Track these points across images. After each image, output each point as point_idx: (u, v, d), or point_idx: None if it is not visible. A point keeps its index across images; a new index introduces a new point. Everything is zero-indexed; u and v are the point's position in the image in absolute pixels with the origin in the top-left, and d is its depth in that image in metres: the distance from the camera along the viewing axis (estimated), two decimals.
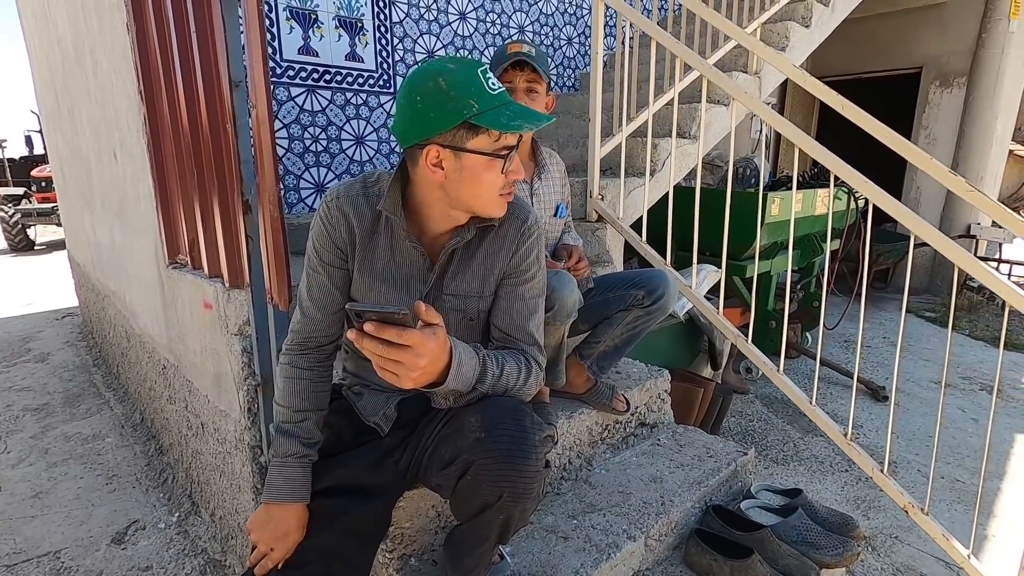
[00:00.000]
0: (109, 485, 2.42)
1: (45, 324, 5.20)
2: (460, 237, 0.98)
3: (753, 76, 2.46)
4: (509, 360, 0.95)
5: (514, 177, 0.92)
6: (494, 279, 1.02)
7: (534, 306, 1.04)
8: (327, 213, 0.99)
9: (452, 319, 1.02)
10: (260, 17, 1.16)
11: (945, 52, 4.90)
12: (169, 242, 1.91)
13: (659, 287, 1.47)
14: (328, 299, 1.01)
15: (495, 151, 0.88)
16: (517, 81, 1.40)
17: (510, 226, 1.01)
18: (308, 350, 1.03)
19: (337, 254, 0.99)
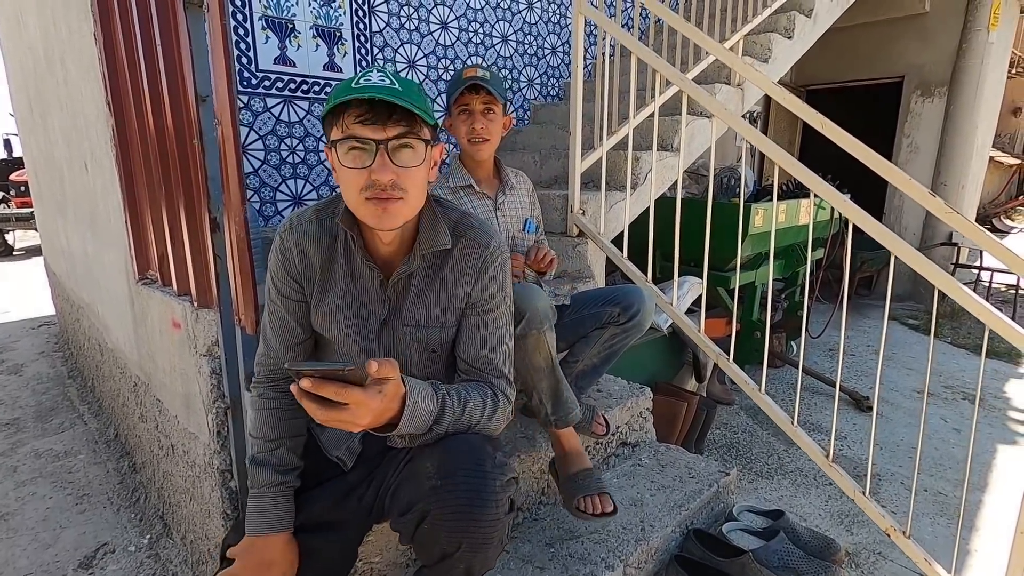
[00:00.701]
0: (79, 505, 2.35)
1: (21, 333, 5.08)
2: (407, 266, 0.94)
3: (736, 88, 2.45)
4: (473, 395, 0.91)
5: (377, 177, 0.81)
6: (456, 309, 0.98)
7: (500, 337, 1.00)
8: (281, 244, 0.95)
9: (413, 351, 0.99)
10: (224, 30, 1.12)
11: (926, 62, 4.95)
12: (139, 257, 1.85)
13: (634, 304, 1.46)
14: (289, 332, 0.98)
15: (339, 140, 0.83)
16: (474, 103, 1.43)
17: (471, 252, 0.97)
18: (275, 382, 1.00)
19: (293, 287, 0.96)
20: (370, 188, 0.82)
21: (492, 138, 1.48)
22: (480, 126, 1.45)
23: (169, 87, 1.39)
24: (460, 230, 0.97)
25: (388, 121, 0.81)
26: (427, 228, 0.95)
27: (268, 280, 0.98)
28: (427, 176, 0.90)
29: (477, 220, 1.00)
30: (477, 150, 1.48)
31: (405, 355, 0.99)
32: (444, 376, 1.03)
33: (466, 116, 1.46)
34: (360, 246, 0.93)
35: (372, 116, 0.80)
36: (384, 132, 0.81)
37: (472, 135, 1.47)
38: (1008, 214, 10.83)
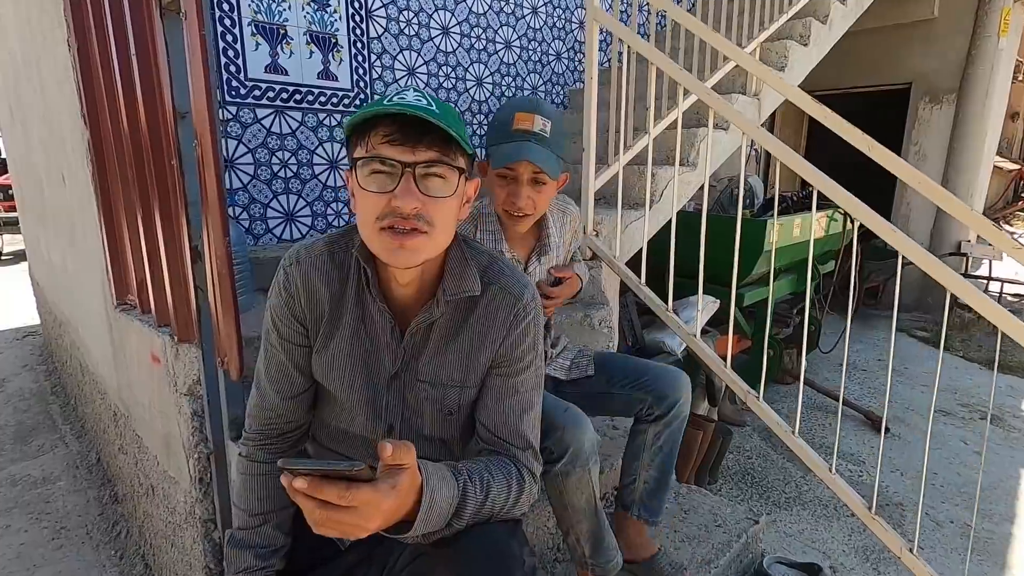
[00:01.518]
0: (56, 540, 2.20)
1: (5, 344, 4.91)
2: (428, 314, 0.82)
3: (752, 98, 2.34)
4: (497, 477, 0.78)
5: (398, 204, 0.69)
6: (480, 367, 0.85)
7: (528, 402, 0.87)
8: (285, 280, 0.83)
9: (427, 410, 0.86)
10: (204, 40, 0.99)
11: (934, 68, 4.86)
12: (117, 281, 1.72)
13: (669, 394, 1.24)
14: (288, 382, 0.85)
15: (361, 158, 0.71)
16: (520, 168, 1.12)
17: (501, 303, 0.84)
18: (269, 439, 0.87)
19: (297, 329, 0.84)
20: (388, 216, 0.71)
21: (537, 210, 1.17)
22: (524, 201, 1.13)
23: (145, 101, 1.26)
24: (489, 276, 0.85)
25: (420, 143, 0.70)
26: (454, 271, 0.82)
27: (267, 321, 0.85)
28: (457, 212, 0.78)
29: (508, 265, 0.87)
30: (515, 223, 1.18)
31: (416, 414, 0.87)
32: (459, 441, 0.91)
33: (507, 182, 1.15)
34: (374, 284, 0.81)
35: (402, 136, 0.69)
36: (413, 155, 0.70)
37: (511, 207, 1.15)
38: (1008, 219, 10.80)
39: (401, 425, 0.86)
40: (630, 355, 1.42)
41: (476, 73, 2.71)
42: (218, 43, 1.86)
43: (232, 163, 1.97)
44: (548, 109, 1.15)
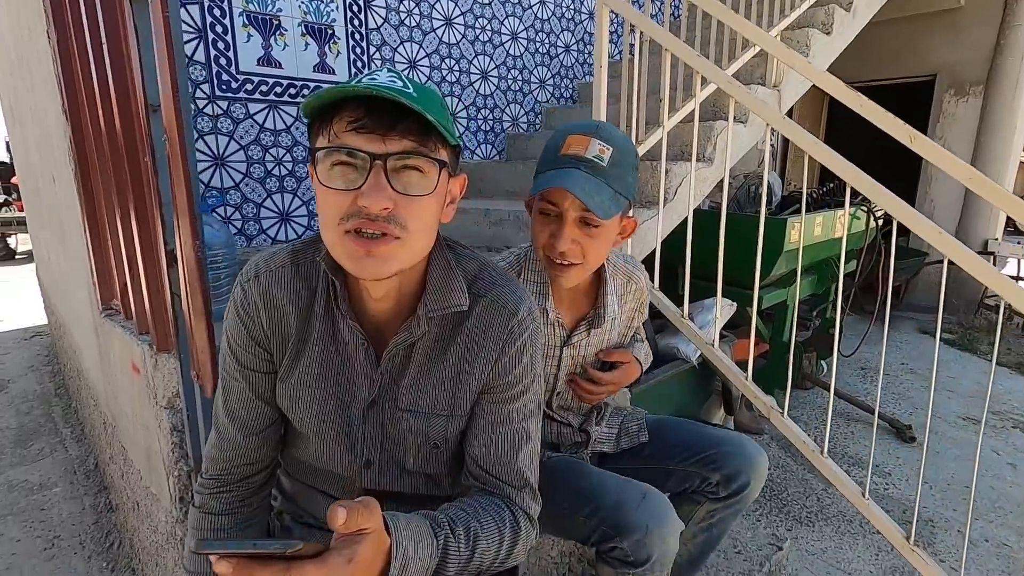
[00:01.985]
0: (48, 550, 2.14)
1: (12, 344, 4.90)
2: (408, 332, 0.70)
3: (772, 89, 2.21)
4: (486, 525, 0.68)
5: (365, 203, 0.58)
6: (470, 393, 0.74)
7: (525, 433, 0.76)
8: (242, 299, 0.72)
9: (409, 443, 0.75)
10: (168, 23, 0.90)
11: (960, 59, 4.67)
12: (102, 284, 1.64)
13: (741, 472, 1.04)
14: (251, 415, 0.75)
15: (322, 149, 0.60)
16: (565, 204, 0.90)
17: (493, 319, 0.73)
18: (227, 486, 0.76)
19: (259, 355, 0.73)
20: (354, 218, 0.59)
21: (588, 261, 0.93)
22: (567, 245, 0.91)
23: (118, 93, 1.17)
24: (480, 287, 0.74)
25: (392, 131, 0.59)
26: (437, 282, 0.71)
27: (224, 346, 0.75)
28: (438, 213, 0.67)
29: (501, 274, 0.76)
30: (558, 275, 0.95)
31: (397, 446, 0.76)
32: (448, 475, 0.80)
33: (548, 220, 0.93)
34: (343, 299, 0.70)
35: (371, 123, 0.58)
36: (384, 144, 0.59)
37: (552, 252, 0.92)
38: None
39: (381, 458, 0.76)
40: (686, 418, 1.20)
41: (481, 66, 2.60)
42: (207, 34, 1.77)
43: (223, 160, 1.88)
44: (613, 134, 0.92)
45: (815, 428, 2.85)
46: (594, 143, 0.90)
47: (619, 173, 0.90)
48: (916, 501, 1.29)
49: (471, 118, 2.63)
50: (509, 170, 2.39)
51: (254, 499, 0.78)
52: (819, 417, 2.97)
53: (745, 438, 1.09)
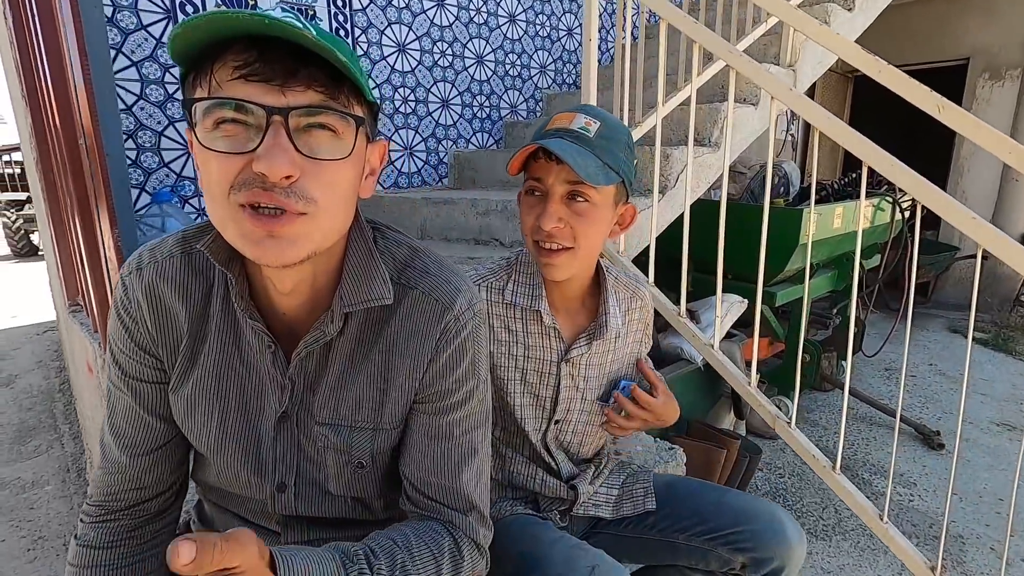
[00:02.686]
0: (31, 551, 2.09)
1: (24, 340, 4.96)
2: (320, 331, 0.59)
3: (787, 69, 2.04)
4: (418, 556, 0.57)
5: (263, 168, 0.46)
6: (400, 403, 0.63)
7: (469, 448, 0.65)
8: (123, 298, 0.61)
9: (330, 462, 0.64)
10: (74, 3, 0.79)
11: (996, 42, 4.40)
12: (67, 280, 1.57)
13: (774, 557, 0.86)
14: (139, 433, 0.64)
15: (200, 101, 0.47)
16: (550, 179, 0.82)
17: (423, 314, 0.61)
18: (113, 513, 0.65)
19: (146, 361, 0.62)
20: (248, 187, 0.47)
21: (580, 248, 0.84)
22: (555, 223, 0.82)
23: (52, 70, 1.07)
24: (408, 277, 0.62)
25: (293, 79, 0.46)
26: (355, 271, 0.60)
27: (108, 355, 0.65)
28: (356, 184, 0.55)
29: (436, 262, 0.65)
30: (545, 265, 0.86)
31: (316, 466, 0.65)
32: (379, 497, 0.69)
33: (535, 201, 0.85)
34: (242, 294, 0.59)
35: (266, 68, 0.46)
36: (284, 95, 0.47)
37: (539, 235, 0.84)
38: None
39: (297, 481, 0.65)
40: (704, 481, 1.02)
41: (476, 50, 2.48)
42: (176, 14, 1.68)
43: None
44: (601, 112, 0.85)
45: (834, 433, 2.68)
46: (579, 116, 0.83)
47: (608, 146, 0.81)
48: (944, 522, 1.14)
49: (466, 105, 2.51)
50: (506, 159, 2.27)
51: (145, 530, 0.67)
52: (839, 421, 2.78)
53: (778, 509, 0.91)
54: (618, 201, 0.87)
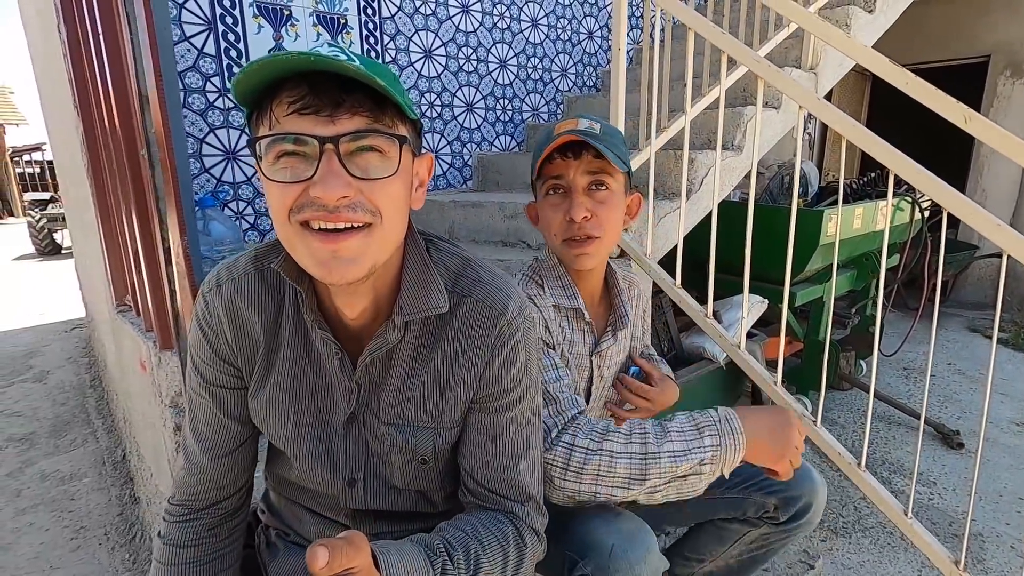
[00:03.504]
0: (74, 540, 2.18)
1: (53, 337, 5.09)
2: (383, 339, 0.64)
3: (808, 72, 2.07)
4: (488, 545, 0.63)
5: (319, 193, 0.52)
6: (459, 403, 0.68)
7: (525, 443, 0.70)
8: (204, 313, 0.67)
9: (395, 459, 0.69)
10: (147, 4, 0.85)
11: (1018, 39, 4.36)
12: (115, 281, 1.64)
13: (801, 496, 0.97)
14: (219, 435, 0.70)
15: (263, 138, 0.53)
16: (571, 173, 0.88)
17: (478, 321, 0.66)
18: (194, 513, 0.72)
19: (225, 371, 0.68)
20: (307, 208, 0.53)
21: (605, 235, 0.90)
22: (584, 213, 0.88)
23: (115, 86, 1.14)
24: (463, 286, 0.67)
25: (340, 109, 0.52)
26: (413, 281, 0.65)
27: (189, 365, 0.70)
28: (407, 198, 0.60)
29: (488, 271, 0.69)
30: (578, 256, 0.91)
31: (383, 462, 0.70)
32: (439, 489, 0.74)
33: (558, 200, 0.91)
34: (311, 307, 0.64)
35: (315, 101, 0.51)
36: (333, 124, 0.52)
37: (569, 231, 0.90)
38: None
39: (366, 476, 0.71)
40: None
41: (499, 54, 2.53)
42: (217, 26, 1.75)
43: (235, 155, 1.87)
44: (599, 119, 0.92)
45: (852, 432, 2.70)
46: (582, 120, 0.90)
47: (613, 141, 0.89)
48: (968, 518, 1.17)
49: (489, 108, 2.56)
50: (528, 161, 2.32)
51: (223, 527, 0.73)
52: (856, 420, 2.81)
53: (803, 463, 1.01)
54: (626, 190, 0.95)
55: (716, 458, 0.76)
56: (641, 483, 0.76)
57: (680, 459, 0.76)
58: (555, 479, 0.77)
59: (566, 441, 0.78)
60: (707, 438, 0.77)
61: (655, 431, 0.79)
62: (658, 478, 0.75)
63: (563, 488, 0.77)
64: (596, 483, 0.76)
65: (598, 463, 0.76)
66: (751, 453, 0.78)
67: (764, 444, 0.78)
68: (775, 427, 0.79)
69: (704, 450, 0.76)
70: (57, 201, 10.55)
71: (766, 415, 0.81)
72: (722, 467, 0.77)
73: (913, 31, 4.71)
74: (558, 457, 0.77)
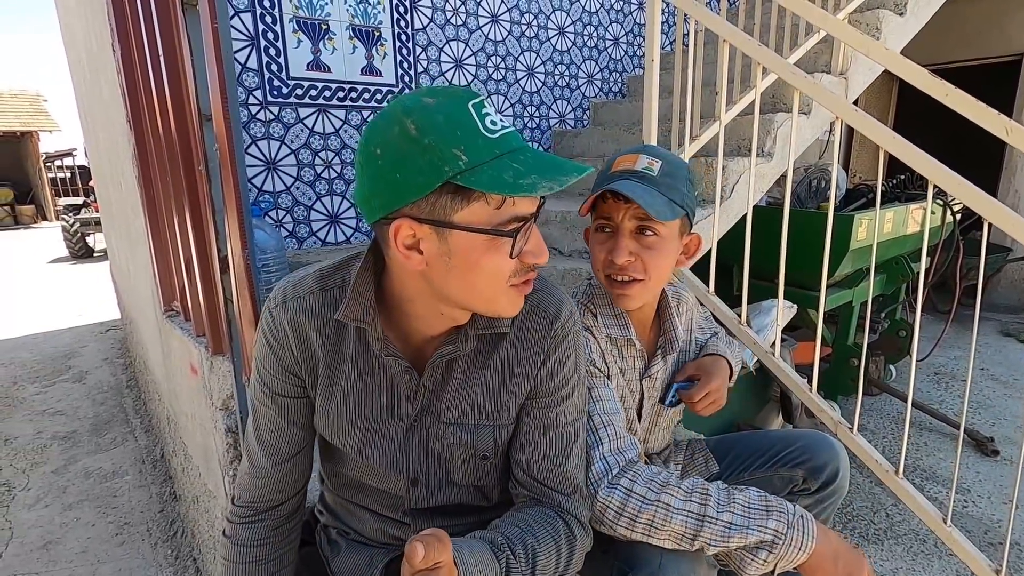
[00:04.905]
0: (119, 536, 2.27)
1: (90, 338, 5.25)
2: (454, 346, 0.69)
3: (838, 78, 2.06)
4: (543, 541, 0.67)
5: (533, 260, 0.62)
6: (516, 401, 0.73)
7: (573, 436, 0.76)
8: (270, 327, 0.71)
9: (456, 457, 0.74)
10: (217, 33, 0.90)
11: None
12: (164, 287, 1.71)
13: (827, 463, 1.00)
14: (282, 441, 0.74)
15: (498, 225, 0.58)
16: (619, 216, 0.87)
17: (535, 325, 0.72)
18: (259, 515, 0.76)
19: (290, 380, 0.72)
20: (520, 273, 0.63)
21: (650, 279, 0.89)
22: (626, 257, 0.87)
23: (174, 103, 1.20)
24: None
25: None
26: None
27: (254, 373, 0.74)
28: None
29: (540, 279, 0.74)
30: (618, 296, 0.92)
31: (444, 462, 0.75)
32: (496, 485, 0.79)
33: (604, 238, 0.91)
34: (378, 337, 0.68)
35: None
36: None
37: (611, 269, 0.90)
38: None
39: (427, 476, 0.75)
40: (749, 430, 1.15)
41: (527, 62, 2.56)
42: (259, 42, 1.81)
43: (275, 165, 1.93)
44: (661, 151, 0.91)
45: (883, 438, 2.67)
46: (642, 157, 0.88)
47: (671, 183, 0.87)
48: (1009, 527, 1.16)
49: (517, 116, 2.60)
50: None
51: (284, 527, 0.78)
52: (887, 426, 2.78)
53: (815, 432, 1.05)
54: (683, 232, 0.93)
55: (775, 546, 0.74)
56: (691, 542, 0.75)
57: (735, 532, 0.74)
58: (607, 521, 0.77)
59: (624, 486, 0.78)
60: (772, 521, 0.75)
61: (719, 496, 0.77)
62: (708, 543, 0.75)
63: (614, 531, 0.78)
64: (648, 533, 0.76)
65: (653, 513, 0.75)
66: (810, 567, 0.75)
67: (827, 567, 0.75)
68: (847, 561, 0.76)
69: (764, 531, 0.74)
70: (90, 206, 10.87)
71: (843, 543, 0.78)
72: (777, 561, 0.74)
73: (946, 30, 4.63)
74: (614, 501, 0.77)
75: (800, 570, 0.77)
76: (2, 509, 2.50)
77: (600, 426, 0.82)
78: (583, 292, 0.99)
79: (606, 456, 0.80)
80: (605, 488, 0.78)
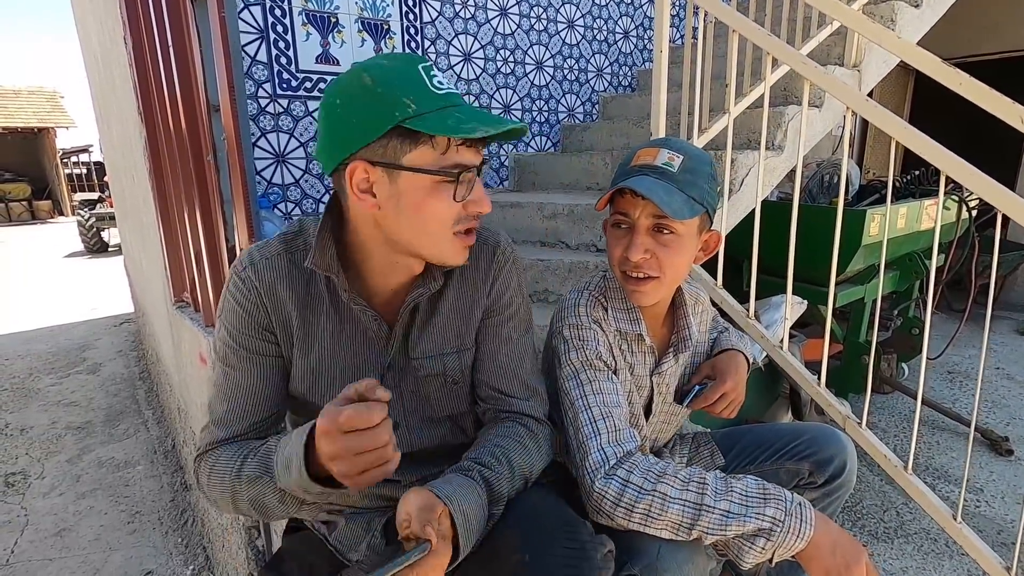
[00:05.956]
0: (131, 524, 2.30)
1: (104, 331, 5.33)
2: (424, 288, 0.76)
3: (852, 70, 2.03)
4: (511, 446, 0.76)
5: (476, 209, 0.70)
6: (473, 325, 0.83)
7: (525, 346, 0.86)
8: (239, 289, 0.73)
9: (432, 388, 0.81)
10: (225, 24, 0.91)
11: None
12: (174, 278, 1.73)
13: (833, 456, 0.98)
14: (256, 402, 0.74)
15: (443, 168, 0.66)
16: (636, 213, 0.85)
17: (480, 256, 0.82)
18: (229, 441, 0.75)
19: (265, 337, 0.75)
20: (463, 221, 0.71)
21: (665, 276, 0.87)
22: (641, 255, 0.85)
23: (183, 95, 1.21)
24: None
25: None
26: None
27: (221, 337, 0.75)
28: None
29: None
30: (632, 292, 0.90)
31: (419, 399, 0.81)
32: (469, 413, 0.87)
33: (621, 234, 0.89)
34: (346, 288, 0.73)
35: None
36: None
37: (626, 265, 0.88)
38: None
39: (407, 416, 0.81)
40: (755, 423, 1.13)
41: (536, 56, 2.55)
42: (268, 34, 1.82)
43: (284, 158, 1.94)
44: (684, 145, 0.88)
45: (894, 436, 2.64)
46: (663, 152, 0.86)
47: (691, 179, 0.84)
48: (1021, 524, 1.14)
49: (525, 110, 2.59)
50: (564, 162, 2.33)
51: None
52: (898, 424, 2.75)
53: (821, 425, 1.05)
54: (702, 229, 0.90)
55: (773, 534, 0.74)
56: (688, 531, 0.75)
57: (732, 520, 0.74)
58: (605, 510, 0.78)
59: (620, 476, 0.78)
60: (770, 508, 0.75)
61: (716, 484, 0.77)
62: (706, 532, 0.75)
63: (612, 521, 0.78)
64: (645, 523, 0.76)
65: (650, 503, 0.76)
66: (807, 556, 0.75)
67: (824, 556, 0.75)
68: (845, 551, 0.75)
69: (762, 519, 0.74)
70: (104, 201, 11.01)
71: (842, 533, 0.78)
72: (775, 549, 0.74)
73: (964, 22, 4.54)
74: (610, 490, 0.77)
75: (798, 558, 0.77)
76: (18, 497, 2.55)
77: (599, 418, 0.83)
78: (596, 285, 0.97)
79: (604, 447, 0.81)
80: (602, 478, 0.78)
